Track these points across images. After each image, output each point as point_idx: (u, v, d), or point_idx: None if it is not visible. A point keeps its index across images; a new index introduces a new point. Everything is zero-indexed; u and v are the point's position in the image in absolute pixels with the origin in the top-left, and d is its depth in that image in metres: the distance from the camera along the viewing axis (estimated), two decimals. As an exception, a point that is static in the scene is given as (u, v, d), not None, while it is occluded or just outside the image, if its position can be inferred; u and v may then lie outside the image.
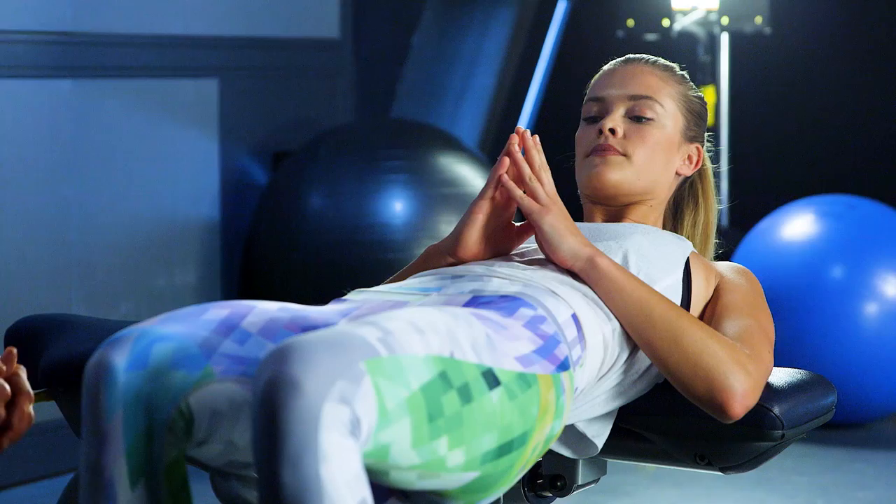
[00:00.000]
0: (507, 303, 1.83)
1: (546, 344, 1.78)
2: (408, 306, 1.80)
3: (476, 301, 1.84)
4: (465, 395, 1.61)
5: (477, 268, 1.95)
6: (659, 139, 2.11)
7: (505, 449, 1.68)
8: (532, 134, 1.99)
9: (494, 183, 1.98)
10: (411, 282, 1.96)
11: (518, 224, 2.04)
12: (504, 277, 1.91)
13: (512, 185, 1.96)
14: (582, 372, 1.86)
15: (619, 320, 1.91)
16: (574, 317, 1.86)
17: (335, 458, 1.44)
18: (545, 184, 1.96)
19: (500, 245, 2.03)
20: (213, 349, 1.68)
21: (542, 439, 1.75)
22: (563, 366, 1.79)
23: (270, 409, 1.45)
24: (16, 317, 2.25)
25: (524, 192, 1.97)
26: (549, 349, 1.78)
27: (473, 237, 2.01)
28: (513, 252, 2.04)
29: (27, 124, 3.84)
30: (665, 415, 1.98)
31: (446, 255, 2.03)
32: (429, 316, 1.65)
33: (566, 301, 1.88)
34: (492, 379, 1.65)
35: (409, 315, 1.63)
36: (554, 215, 1.94)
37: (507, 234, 2.03)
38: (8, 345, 2.18)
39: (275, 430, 1.44)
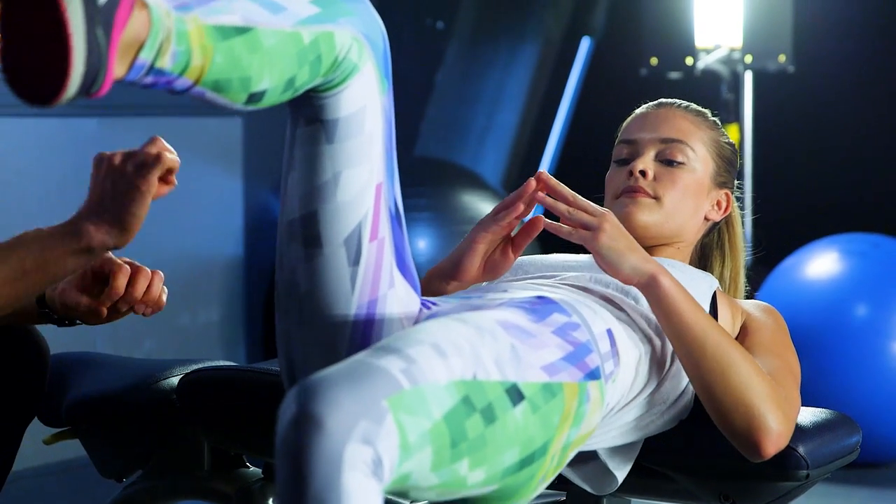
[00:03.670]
0: (540, 305, 1.82)
1: (576, 351, 1.78)
2: (437, 317, 1.80)
3: (510, 303, 1.83)
4: (489, 416, 1.62)
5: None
6: (689, 183, 2.11)
7: (526, 461, 1.69)
8: (555, 172, 1.98)
9: (503, 221, 1.94)
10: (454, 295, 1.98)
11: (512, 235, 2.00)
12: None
13: (559, 225, 1.91)
14: (614, 388, 1.85)
15: (671, 341, 1.90)
16: (609, 332, 1.86)
17: (358, 500, 1.44)
18: (587, 207, 1.91)
19: (497, 265, 1.99)
20: None
21: (560, 447, 1.75)
22: (593, 375, 1.79)
23: (294, 449, 1.45)
24: (40, 354, 2.26)
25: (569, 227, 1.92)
26: (580, 356, 1.77)
27: (475, 264, 1.98)
28: (546, 273, 2.03)
29: (53, 163, 3.86)
30: (689, 453, 1.98)
31: (448, 279, 2.01)
32: (453, 334, 1.65)
33: (601, 317, 1.87)
34: (516, 395, 1.66)
35: (433, 336, 1.63)
36: (608, 235, 1.89)
37: (504, 252, 1.99)
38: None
39: (298, 471, 1.44)
